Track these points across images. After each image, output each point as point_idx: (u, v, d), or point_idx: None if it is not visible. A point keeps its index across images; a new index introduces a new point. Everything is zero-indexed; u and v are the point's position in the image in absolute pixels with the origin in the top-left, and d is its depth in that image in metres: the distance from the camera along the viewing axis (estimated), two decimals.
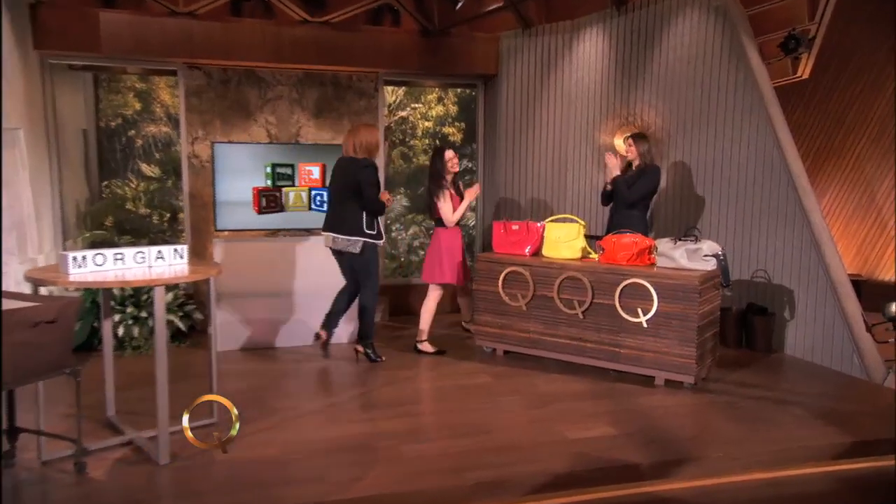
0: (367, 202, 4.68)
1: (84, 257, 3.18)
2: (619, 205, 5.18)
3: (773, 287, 5.34)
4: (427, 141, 8.31)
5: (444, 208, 5.14)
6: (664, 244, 4.54)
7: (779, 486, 3.20)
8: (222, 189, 5.38)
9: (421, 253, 7.51)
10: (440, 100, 7.93)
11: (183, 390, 4.13)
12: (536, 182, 6.53)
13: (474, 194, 5.26)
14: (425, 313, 5.25)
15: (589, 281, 4.59)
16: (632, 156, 5.20)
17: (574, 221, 4.96)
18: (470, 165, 7.28)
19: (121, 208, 6.38)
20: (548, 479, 3.11)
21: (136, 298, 5.21)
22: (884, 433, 3.63)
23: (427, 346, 5.23)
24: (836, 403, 4.16)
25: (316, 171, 5.56)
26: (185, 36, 5.64)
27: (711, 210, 5.72)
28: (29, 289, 3.27)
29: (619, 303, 4.48)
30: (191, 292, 5.77)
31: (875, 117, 7.47)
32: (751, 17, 5.67)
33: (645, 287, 4.37)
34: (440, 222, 5.19)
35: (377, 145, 4.80)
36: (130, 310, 5.15)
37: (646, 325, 4.39)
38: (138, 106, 6.55)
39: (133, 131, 6.49)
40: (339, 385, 4.50)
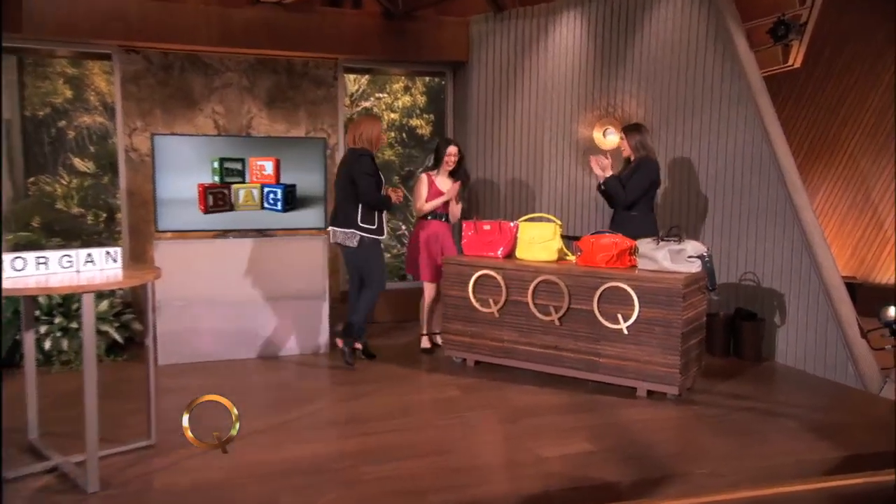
0: (361, 194, 4.92)
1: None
2: (618, 206, 5.20)
3: (762, 291, 5.41)
4: (393, 134, 8.29)
5: (418, 192, 5.42)
6: (646, 245, 4.58)
7: None
8: (164, 186, 5.30)
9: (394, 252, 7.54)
10: (407, 89, 7.92)
11: (117, 409, 4.06)
12: (510, 178, 6.54)
13: (452, 193, 5.40)
14: (421, 312, 5.59)
15: (566, 285, 4.60)
16: (625, 151, 5.22)
17: (550, 221, 4.97)
18: None
19: (50, 207, 6.24)
20: (519, 500, 3.09)
21: (66, 308, 5.09)
22: (881, 446, 3.68)
23: (424, 342, 5.56)
24: (830, 415, 4.22)
25: (269, 166, 5.49)
26: (118, 15, 5.53)
27: (696, 208, 5.79)
28: None
29: (598, 308, 4.49)
30: (129, 300, 5.67)
31: (871, 109, 7.60)
32: (738, 1, 5.75)
33: (625, 291, 4.39)
34: (436, 215, 5.45)
35: (378, 137, 5.09)
36: (59, 320, 5.03)
37: (626, 332, 4.41)
38: (69, 94, 6.43)
39: (64, 122, 6.37)
40: (294, 401, 4.45)
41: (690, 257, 4.43)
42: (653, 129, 5.92)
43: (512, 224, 5.08)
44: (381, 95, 8.15)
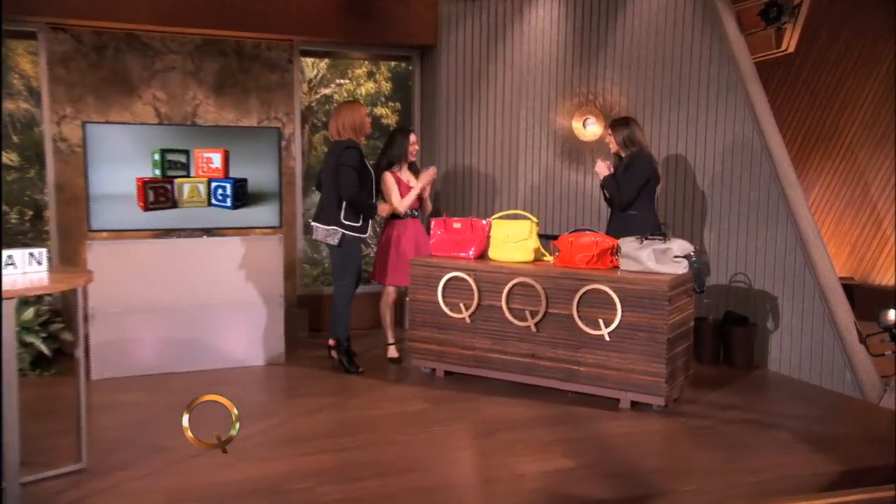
0: (342, 189, 4.99)
1: None
2: (616, 208, 5.24)
3: (754, 293, 5.49)
4: None
5: (388, 191, 5.40)
6: (628, 244, 4.62)
7: None
8: (98, 180, 5.22)
9: None
10: (371, 75, 7.90)
11: (44, 429, 3.98)
12: (482, 172, 6.56)
13: (428, 178, 5.44)
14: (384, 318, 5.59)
15: (543, 288, 4.63)
16: (613, 147, 5.27)
17: (525, 218, 4.99)
18: None
19: None
20: None
21: None
22: (880, 459, 3.76)
23: (392, 351, 5.55)
24: (826, 426, 4.30)
25: (216, 158, 5.45)
26: None
27: (682, 204, 5.86)
28: None
29: (578, 313, 4.52)
30: (59, 308, 5.57)
31: (869, 97, 7.68)
32: None
33: (607, 294, 4.43)
34: (408, 213, 5.44)
35: (363, 123, 5.16)
36: None
37: (608, 338, 4.44)
38: None
39: None
40: (247, 416, 4.35)
41: (676, 257, 4.48)
42: (635, 118, 5.97)
43: (484, 222, 5.09)
44: (342, 82, 8.12)
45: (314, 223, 5.21)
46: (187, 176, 5.39)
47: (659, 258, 4.50)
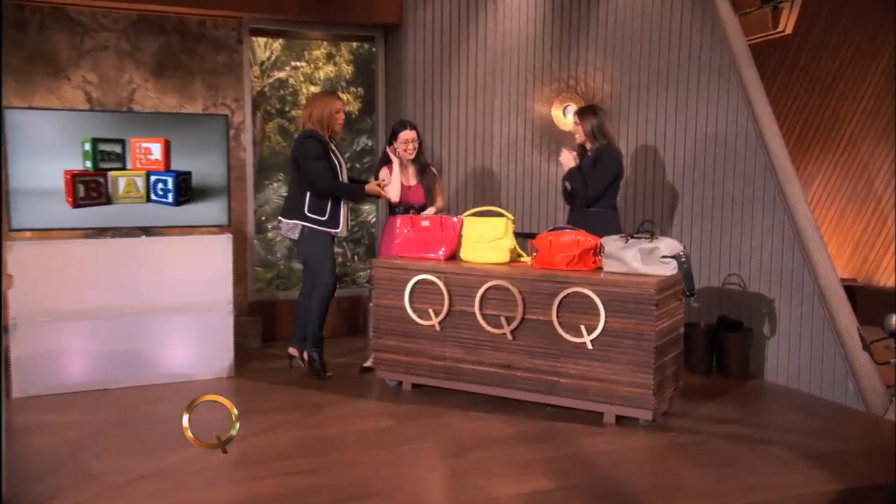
0: (311, 181, 5.14)
1: None
2: (579, 203, 5.27)
3: (748, 296, 5.55)
4: None
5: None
6: (613, 243, 4.65)
7: None
8: (20, 173, 5.15)
9: None
10: (330, 57, 7.86)
11: None
12: (453, 164, 6.56)
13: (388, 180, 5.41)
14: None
15: (519, 291, 4.64)
16: (580, 137, 5.30)
17: (501, 215, 5.00)
18: (369, 143, 7.24)
19: None
20: None
21: None
22: (885, 476, 3.80)
23: (371, 361, 5.50)
24: (827, 441, 4.35)
25: (156, 149, 5.41)
26: None
27: (670, 198, 5.91)
28: None
29: (558, 319, 4.54)
30: None
31: (870, 88, 7.79)
32: None
33: (589, 298, 4.45)
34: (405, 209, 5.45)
35: (331, 116, 5.26)
36: None
37: (591, 346, 4.47)
38: None
39: None
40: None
41: (664, 257, 4.51)
42: (620, 105, 6.02)
43: (455, 219, 5.10)
44: (298, 64, 8.06)
45: (280, 218, 5.39)
46: (123, 168, 5.35)
47: (645, 258, 4.53)
